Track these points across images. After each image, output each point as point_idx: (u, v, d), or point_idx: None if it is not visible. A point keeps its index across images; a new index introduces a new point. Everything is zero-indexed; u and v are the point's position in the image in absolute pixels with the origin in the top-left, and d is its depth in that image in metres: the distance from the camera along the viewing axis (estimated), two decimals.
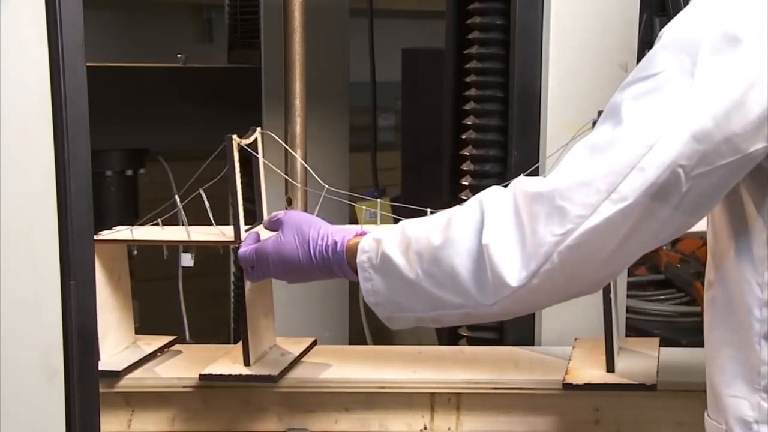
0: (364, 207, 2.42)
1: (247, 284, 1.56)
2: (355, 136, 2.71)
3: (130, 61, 2.56)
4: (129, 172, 2.29)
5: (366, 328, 2.63)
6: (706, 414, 1.19)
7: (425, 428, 1.61)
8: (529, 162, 1.79)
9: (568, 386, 1.55)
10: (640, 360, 1.60)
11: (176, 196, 1.59)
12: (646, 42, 2.41)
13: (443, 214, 1.23)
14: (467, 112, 1.92)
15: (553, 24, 1.76)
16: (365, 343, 2.57)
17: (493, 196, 1.17)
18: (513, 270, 1.11)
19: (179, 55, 2.45)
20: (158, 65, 2.46)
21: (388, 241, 1.26)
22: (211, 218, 1.61)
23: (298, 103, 1.70)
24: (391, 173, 2.87)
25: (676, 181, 1.03)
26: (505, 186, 1.19)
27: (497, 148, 1.82)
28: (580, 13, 1.78)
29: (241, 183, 2.63)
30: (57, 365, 1.11)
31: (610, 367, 1.57)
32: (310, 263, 1.37)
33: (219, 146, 2.61)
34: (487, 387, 1.60)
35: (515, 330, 1.86)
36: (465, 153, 1.88)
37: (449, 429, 1.61)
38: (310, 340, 1.73)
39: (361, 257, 1.29)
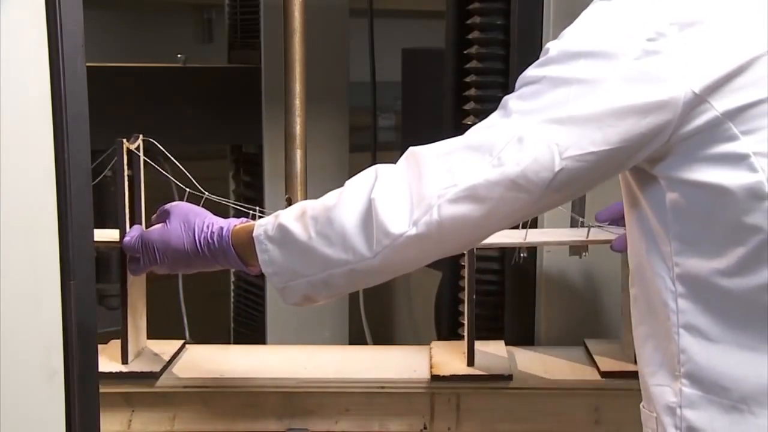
0: None
1: (130, 279, 1.58)
2: (355, 136, 2.71)
3: (130, 61, 2.56)
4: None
5: (366, 328, 2.64)
6: (641, 404, 1.24)
7: (425, 428, 1.61)
8: None
9: (435, 377, 1.61)
10: (492, 358, 1.68)
11: None
12: None
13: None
14: (467, 112, 1.92)
15: (553, 24, 1.76)
16: (365, 343, 2.58)
17: (388, 164, 1.26)
18: (397, 219, 1.19)
19: (179, 55, 2.45)
20: (158, 65, 2.46)
21: (285, 213, 1.32)
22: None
23: (298, 103, 1.70)
24: None
25: (550, 159, 1.12)
26: None
27: None
28: (579, 13, 1.77)
29: (242, 183, 2.64)
30: (57, 365, 1.10)
31: (470, 362, 1.64)
32: (195, 250, 1.42)
33: (219, 146, 2.61)
34: (487, 387, 1.61)
35: (515, 330, 1.86)
36: None
37: (449, 429, 1.61)
38: (180, 342, 1.74)
39: (257, 231, 1.33)
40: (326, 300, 1.35)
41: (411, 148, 1.24)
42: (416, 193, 1.19)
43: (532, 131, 1.12)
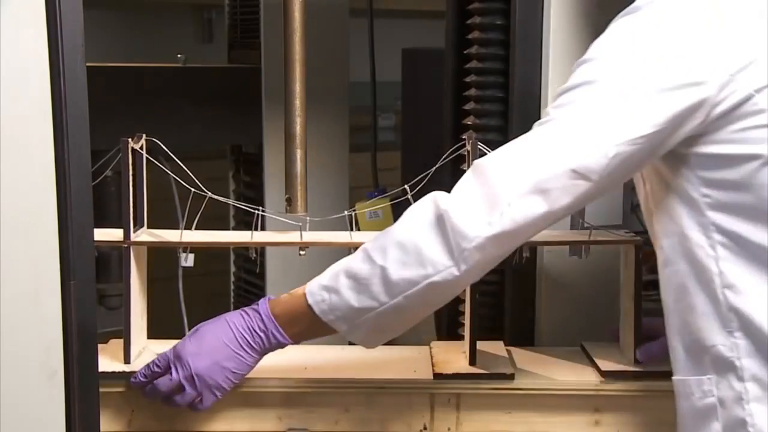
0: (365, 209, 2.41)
1: (133, 282, 1.58)
2: (355, 136, 2.71)
3: (130, 61, 2.56)
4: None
5: None
6: (677, 379, 1.35)
7: (425, 428, 1.61)
8: None
9: (438, 376, 1.61)
10: (493, 357, 1.69)
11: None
12: None
13: None
14: (467, 112, 1.92)
15: (553, 24, 1.76)
16: None
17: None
18: (474, 223, 1.28)
19: (179, 55, 2.45)
20: (158, 65, 2.46)
21: (339, 264, 1.39)
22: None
23: (298, 103, 1.70)
24: (391, 173, 2.87)
25: (606, 146, 1.25)
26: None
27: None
28: (579, 13, 1.78)
29: (242, 183, 2.64)
30: (57, 365, 1.11)
31: (472, 361, 1.64)
32: (231, 336, 1.47)
33: (219, 146, 2.60)
34: (487, 387, 1.61)
35: (515, 330, 1.86)
36: (465, 153, 1.88)
37: (449, 429, 1.61)
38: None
39: (309, 287, 1.41)
40: (398, 332, 1.43)
41: (477, 161, 1.33)
42: (488, 196, 1.28)
43: (587, 124, 1.25)
